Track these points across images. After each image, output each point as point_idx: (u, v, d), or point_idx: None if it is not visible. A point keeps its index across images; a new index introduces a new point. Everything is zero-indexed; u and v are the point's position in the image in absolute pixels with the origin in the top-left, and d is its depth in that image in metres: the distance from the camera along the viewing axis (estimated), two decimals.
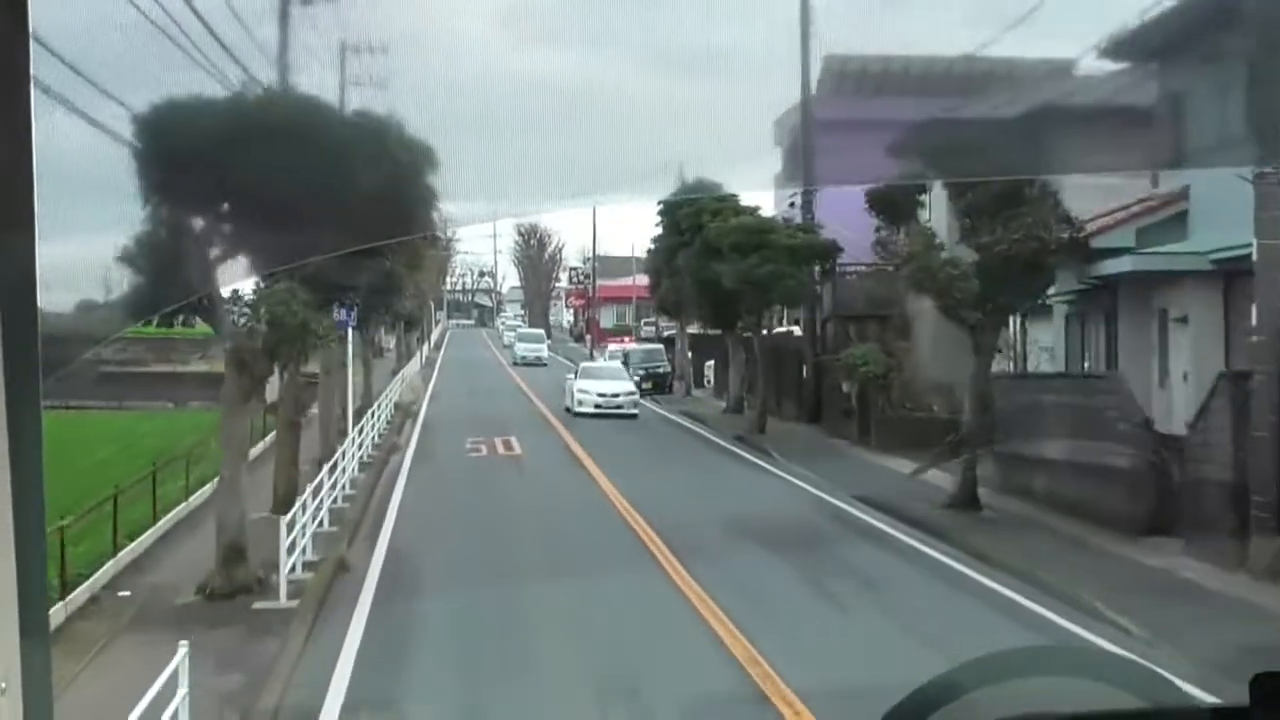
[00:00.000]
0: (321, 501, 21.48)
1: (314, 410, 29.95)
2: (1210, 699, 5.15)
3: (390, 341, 65.81)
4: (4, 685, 1.67)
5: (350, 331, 29.01)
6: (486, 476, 28.57)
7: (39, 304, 1.71)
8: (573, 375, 45.30)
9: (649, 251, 51.26)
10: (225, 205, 2.68)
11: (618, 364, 48.70)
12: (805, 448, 32.65)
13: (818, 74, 3.48)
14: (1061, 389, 24.07)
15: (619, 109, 2.82)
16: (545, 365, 65.93)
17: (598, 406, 41.34)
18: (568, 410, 41.85)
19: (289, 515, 16.51)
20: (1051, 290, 23.90)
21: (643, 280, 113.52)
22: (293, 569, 17.49)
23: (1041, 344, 29.95)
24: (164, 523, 21.72)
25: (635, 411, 41.85)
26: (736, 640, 14.32)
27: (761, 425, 36.11)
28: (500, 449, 33.26)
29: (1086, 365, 25.28)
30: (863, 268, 39.38)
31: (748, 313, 36.85)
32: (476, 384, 56.94)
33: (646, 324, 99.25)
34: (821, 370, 37.84)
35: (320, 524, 21.05)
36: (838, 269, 36.82)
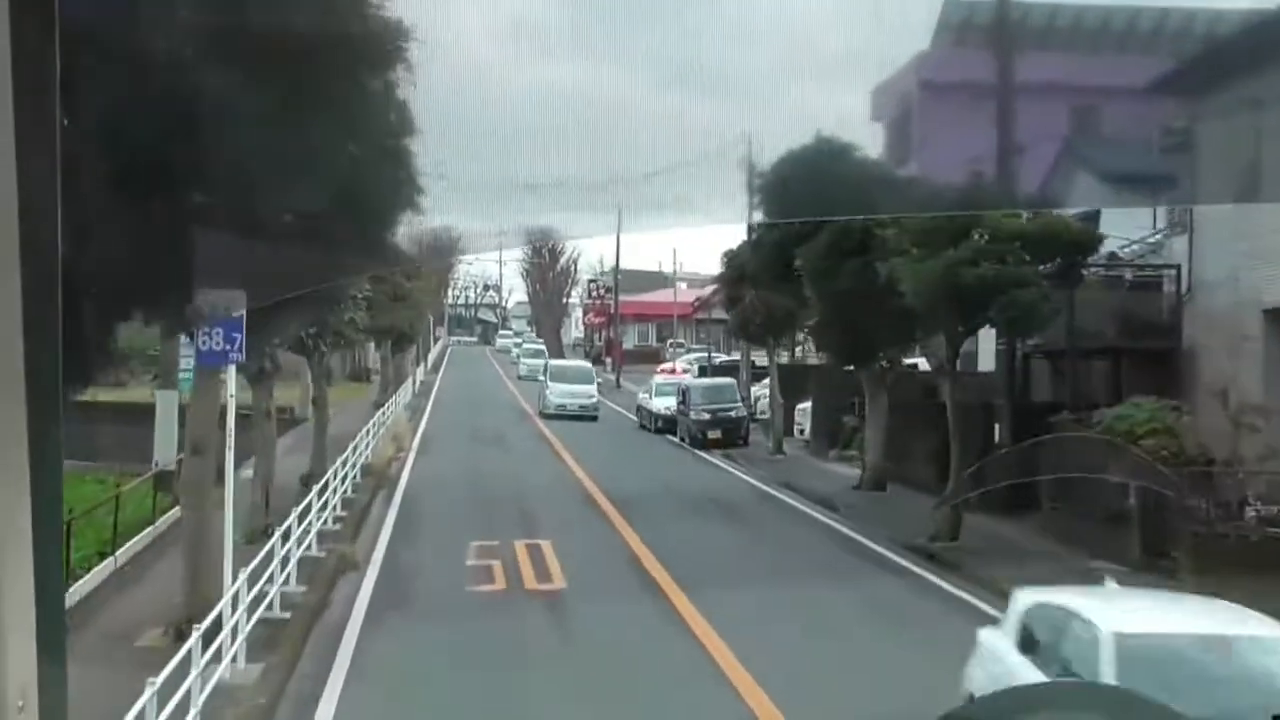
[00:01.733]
0: None
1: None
2: None
3: (387, 361, 51.88)
4: (22, 703, 1.70)
5: (235, 369, 14.67)
6: (506, 659, 14.37)
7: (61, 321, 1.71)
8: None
9: (729, 254, 37.12)
10: (237, 230, 2.80)
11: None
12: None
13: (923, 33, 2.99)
14: None
15: (636, 125, 2.75)
16: (596, 417, 46.40)
17: None
18: None
19: None
20: None
21: (668, 295, 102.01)
22: None
23: None
24: None
25: None
26: None
27: (954, 527, 21.84)
28: (527, 573, 19.05)
29: None
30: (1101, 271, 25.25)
31: (957, 333, 22.42)
32: (482, 422, 42.91)
33: (674, 345, 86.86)
34: (1039, 435, 23.54)
35: None
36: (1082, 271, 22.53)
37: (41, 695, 1.73)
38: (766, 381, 49.19)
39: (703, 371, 54.44)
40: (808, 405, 38.54)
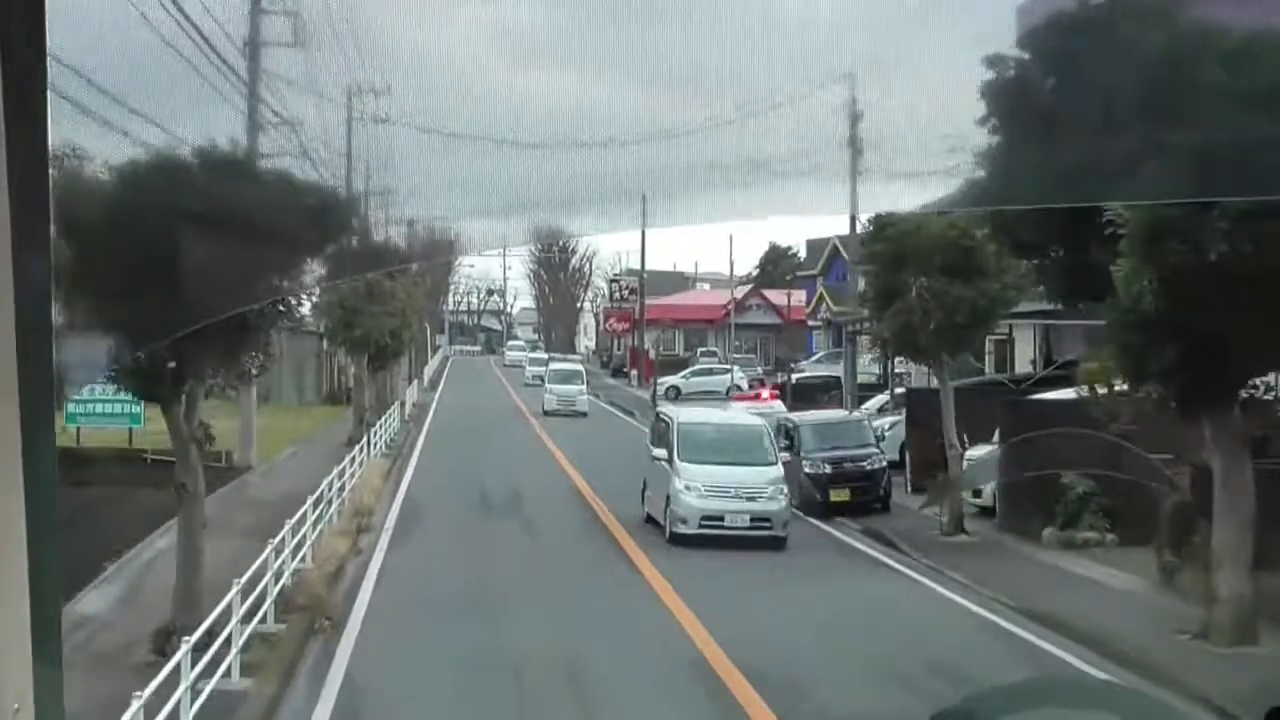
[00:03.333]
0: None
1: None
2: None
3: (362, 384, 39.07)
4: (18, 707, 1.68)
5: None
6: None
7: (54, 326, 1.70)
8: None
9: (878, 222, 23.75)
10: (230, 229, 2.54)
11: None
12: None
13: None
14: None
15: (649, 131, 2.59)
16: (784, 540, 22.14)
17: None
18: None
19: None
20: None
21: (697, 298, 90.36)
22: None
23: None
24: None
25: None
26: None
27: None
28: None
29: None
30: None
31: None
32: (492, 476, 29.97)
33: (704, 354, 76.57)
34: None
35: None
36: None
37: (38, 701, 1.70)
38: (869, 405, 36.34)
39: (782, 391, 41.27)
40: (979, 452, 25.32)
